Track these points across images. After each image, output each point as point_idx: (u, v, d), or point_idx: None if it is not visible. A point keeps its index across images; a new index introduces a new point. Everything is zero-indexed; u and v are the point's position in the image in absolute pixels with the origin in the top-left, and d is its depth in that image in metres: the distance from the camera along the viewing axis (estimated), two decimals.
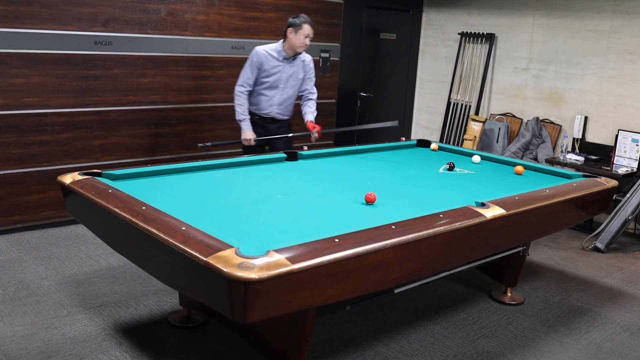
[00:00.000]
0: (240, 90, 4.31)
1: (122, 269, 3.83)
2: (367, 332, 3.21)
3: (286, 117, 4.49)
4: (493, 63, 6.36)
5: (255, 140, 4.29)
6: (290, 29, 4.23)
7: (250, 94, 4.36)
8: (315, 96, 4.54)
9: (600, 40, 5.48)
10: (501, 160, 4.05)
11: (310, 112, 4.48)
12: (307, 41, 4.25)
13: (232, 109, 4.33)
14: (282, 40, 4.31)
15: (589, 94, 5.61)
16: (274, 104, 4.38)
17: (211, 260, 1.92)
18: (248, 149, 4.32)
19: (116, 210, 2.42)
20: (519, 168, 3.72)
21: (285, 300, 1.95)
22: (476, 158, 4.01)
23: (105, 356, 2.85)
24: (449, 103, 6.73)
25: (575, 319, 3.56)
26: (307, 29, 4.21)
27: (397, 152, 4.24)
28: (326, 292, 2.08)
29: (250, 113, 4.37)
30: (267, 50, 4.29)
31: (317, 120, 4.51)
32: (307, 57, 4.46)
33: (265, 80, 4.30)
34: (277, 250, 2.00)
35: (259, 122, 4.39)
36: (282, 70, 4.32)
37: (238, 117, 4.31)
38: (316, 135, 4.39)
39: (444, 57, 6.87)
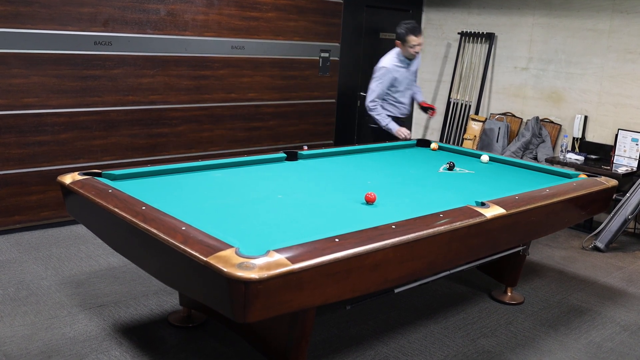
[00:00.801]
0: (375, 105, 4.67)
1: (122, 269, 3.83)
2: (367, 332, 3.21)
3: None
4: (493, 62, 6.35)
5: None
6: (398, 42, 4.56)
7: (385, 101, 4.73)
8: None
9: (600, 39, 5.48)
10: (506, 161, 4.03)
11: (419, 94, 5.04)
12: (417, 48, 4.63)
13: (232, 108, 4.34)
14: (397, 48, 4.60)
15: (589, 93, 5.61)
16: (407, 103, 4.85)
17: (211, 260, 1.91)
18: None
19: (116, 210, 2.42)
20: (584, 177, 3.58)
21: (285, 300, 1.95)
22: (484, 157, 4.02)
23: (105, 356, 2.85)
24: (448, 102, 6.73)
25: (575, 318, 3.56)
26: (412, 40, 4.52)
27: (397, 152, 4.24)
28: (326, 291, 2.07)
29: (391, 117, 4.72)
30: (394, 63, 4.64)
31: (318, 120, 4.54)
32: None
33: (399, 87, 4.70)
34: (277, 250, 2.00)
35: (398, 123, 4.73)
36: (407, 73, 4.73)
37: (383, 123, 4.65)
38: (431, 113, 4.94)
39: (443, 57, 6.86)
